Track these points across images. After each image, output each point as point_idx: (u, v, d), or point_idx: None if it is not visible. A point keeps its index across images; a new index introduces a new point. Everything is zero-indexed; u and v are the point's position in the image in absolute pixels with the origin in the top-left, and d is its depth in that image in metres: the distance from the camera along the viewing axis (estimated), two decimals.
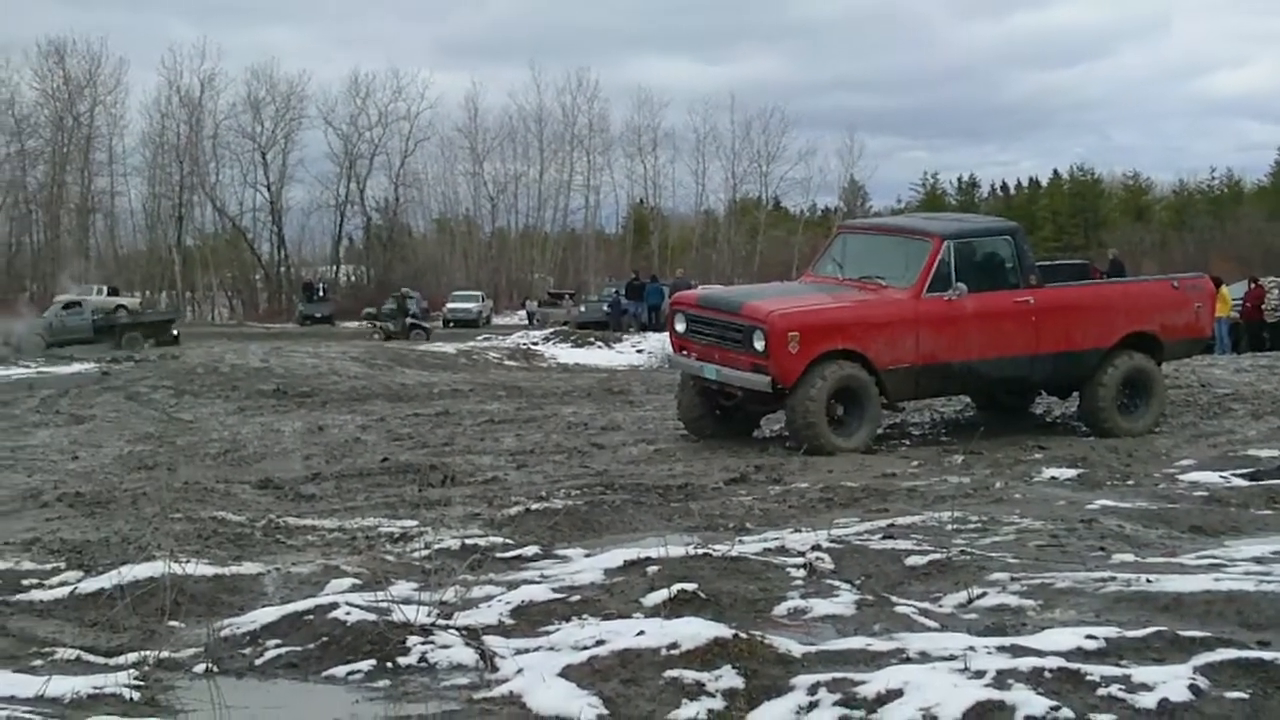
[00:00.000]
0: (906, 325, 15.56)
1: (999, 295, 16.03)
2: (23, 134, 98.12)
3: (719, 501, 11.17)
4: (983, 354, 15.93)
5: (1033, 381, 17.07)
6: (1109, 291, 17.97)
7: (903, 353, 15.51)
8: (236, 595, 7.77)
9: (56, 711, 5.49)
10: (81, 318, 50.93)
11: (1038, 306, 16.10)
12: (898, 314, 15.61)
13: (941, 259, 15.66)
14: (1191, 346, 18.09)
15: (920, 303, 15.59)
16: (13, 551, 9.42)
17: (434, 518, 10.46)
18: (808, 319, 15.34)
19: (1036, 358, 16.20)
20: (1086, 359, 16.42)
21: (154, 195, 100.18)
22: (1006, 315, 15.98)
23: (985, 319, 15.85)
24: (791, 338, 14.95)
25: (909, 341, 15.54)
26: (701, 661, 5.78)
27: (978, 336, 15.83)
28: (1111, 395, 16.46)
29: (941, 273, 15.63)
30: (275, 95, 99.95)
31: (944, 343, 15.71)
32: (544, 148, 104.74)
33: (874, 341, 15.38)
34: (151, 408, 21.88)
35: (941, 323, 15.66)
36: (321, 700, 5.87)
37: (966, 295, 15.62)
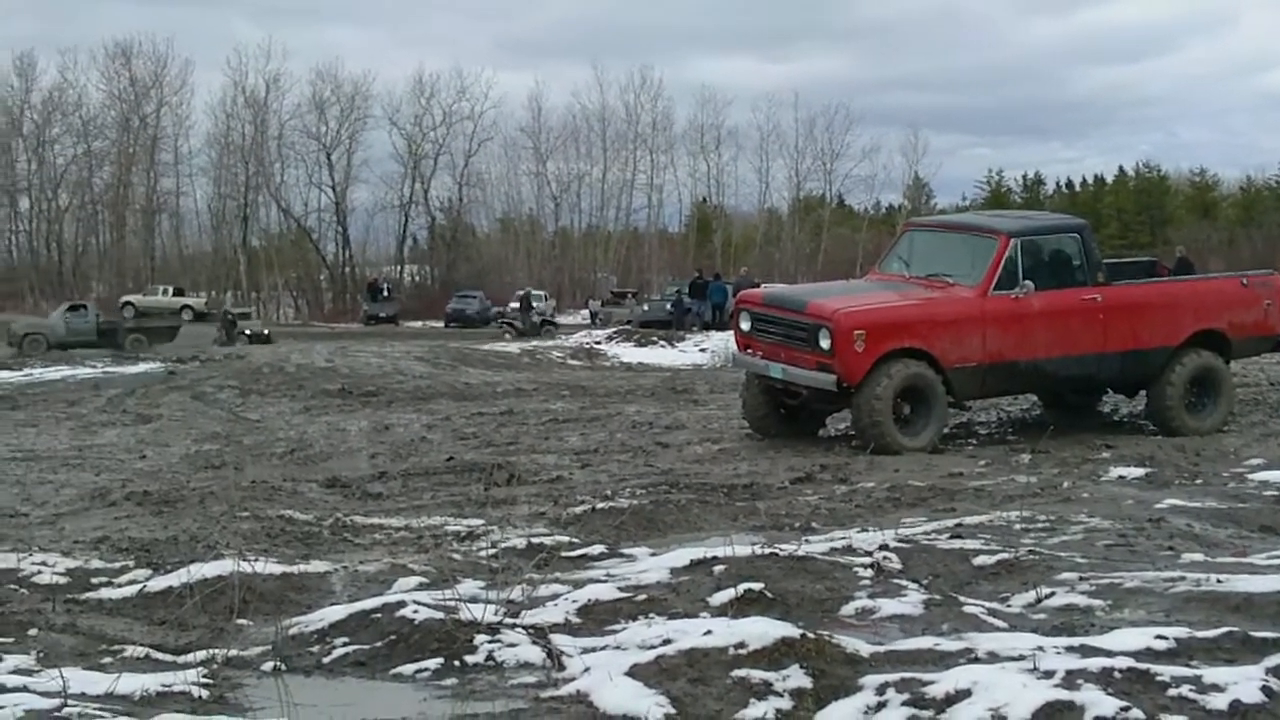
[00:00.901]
0: (973, 323, 15.45)
1: (1066, 293, 15.89)
2: (89, 135, 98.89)
3: (785, 501, 11.15)
4: (1049, 352, 15.80)
5: (1100, 380, 16.94)
6: (1177, 289, 17.80)
7: (969, 351, 15.41)
8: (304, 594, 7.80)
9: (126, 708, 5.51)
10: (86, 320, 51.29)
11: (1105, 304, 15.96)
12: (964, 312, 15.51)
13: (1008, 257, 15.56)
14: (1260, 344, 17.66)
15: (987, 301, 15.49)
16: (82, 550, 9.48)
17: (500, 516, 10.49)
18: (874, 317, 15.28)
19: (1104, 356, 16.05)
20: (1154, 357, 16.25)
21: (219, 196, 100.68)
22: (1073, 313, 15.85)
23: (1052, 317, 15.73)
24: (857, 336, 14.88)
25: (976, 340, 15.42)
26: (769, 661, 5.76)
27: (1044, 335, 15.72)
28: (1179, 394, 16.30)
29: (1008, 270, 15.53)
30: (340, 95, 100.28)
31: (1011, 341, 15.58)
32: (607, 147, 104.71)
33: (940, 340, 15.29)
34: (218, 407, 22.01)
35: (1008, 321, 15.54)
36: (389, 698, 5.87)
37: (1033, 293, 15.51)
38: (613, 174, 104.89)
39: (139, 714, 5.41)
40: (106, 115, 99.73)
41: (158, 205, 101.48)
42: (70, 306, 53.74)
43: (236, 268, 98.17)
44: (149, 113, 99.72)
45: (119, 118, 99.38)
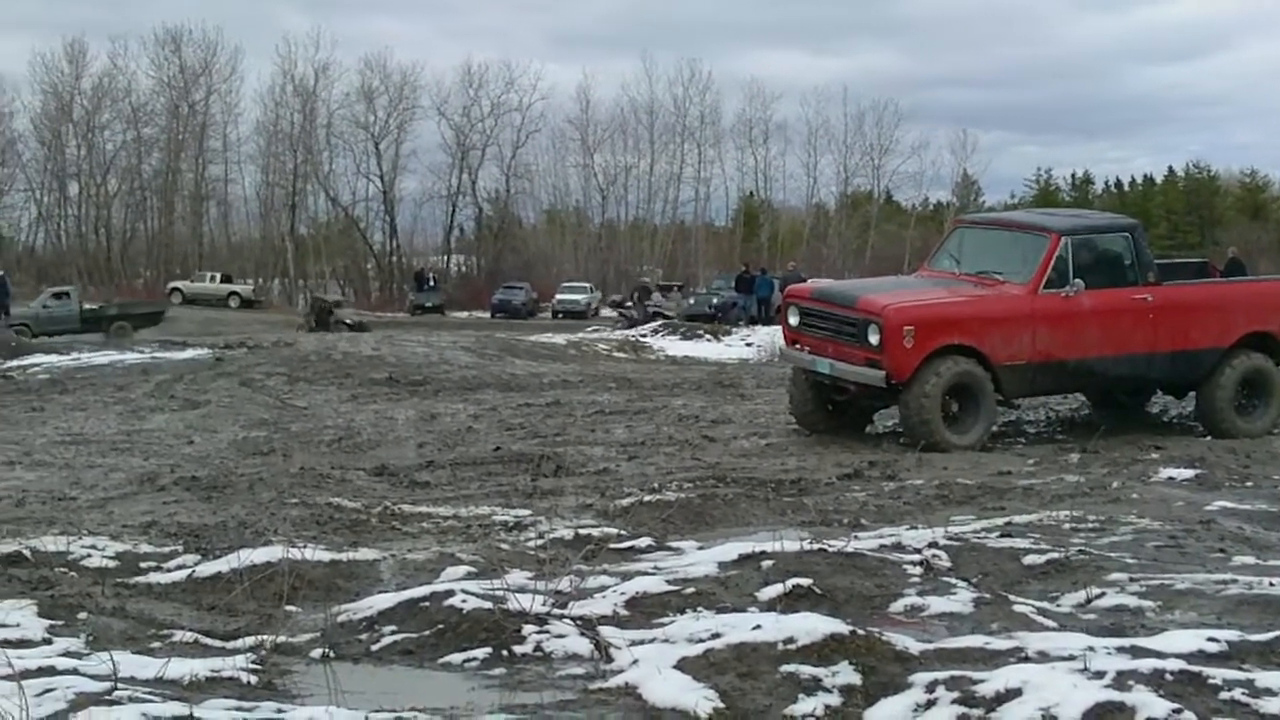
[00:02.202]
0: (1023, 321, 15.38)
1: (1117, 293, 15.81)
2: (139, 121, 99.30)
3: (833, 497, 11.12)
4: (1099, 352, 15.74)
5: (1149, 380, 16.87)
6: (1228, 290, 17.75)
7: (1019, 349, 15.33)
8: (353, 581, 7.82)
9: (175, 693, 5.52)
10: (68, 308, 51.42)
11: (1155, 304, 15.86)
12: (1014, 310, 15.45)
13: (1059, 255, 15.49)
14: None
15: (1037, 299, 15.41)
16: (131, 534, 9.53)
17: (547, 507, 10.49)
18: (924, 313, 15.23)
19: (1154, 356, 15.97)
20: (1204, 358, 16.17)
21: (268, 183, 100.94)
22: (1124, 313, 15.76)
23: (1102, 316, 15.65)
24: (907, 332, 14.84)
25: (1025, 338, 15.35)
26: (818, 657, 5.75)
27: (1094, 334, 15.66)
28: (1229, 395, 16.25)
29: (1059, 269, 15.48)
30: (389, 85, 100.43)
31: (1060, 339, 15.52)
32: (655, 140, 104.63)
33: (990, 337, 15.23)
34: (265, 394, 22.06)
35: (1058, 319, 15.46)
36: (437, 687, 5.87)
37: (1083, 292, 15.44)
38: (660, 167, 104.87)
39: (188, 699, 5.42)
40: (156, 102, 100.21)
41: (206, 192, 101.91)
42: (53, 294, 53.87)
43: (284, 255, 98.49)
44: (198, 100, 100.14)
45: (168, 104, 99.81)
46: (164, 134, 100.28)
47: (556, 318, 69.72)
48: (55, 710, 5.20)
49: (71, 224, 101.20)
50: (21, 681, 5.16)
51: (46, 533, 9.46)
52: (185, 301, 76.67)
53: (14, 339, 37.37)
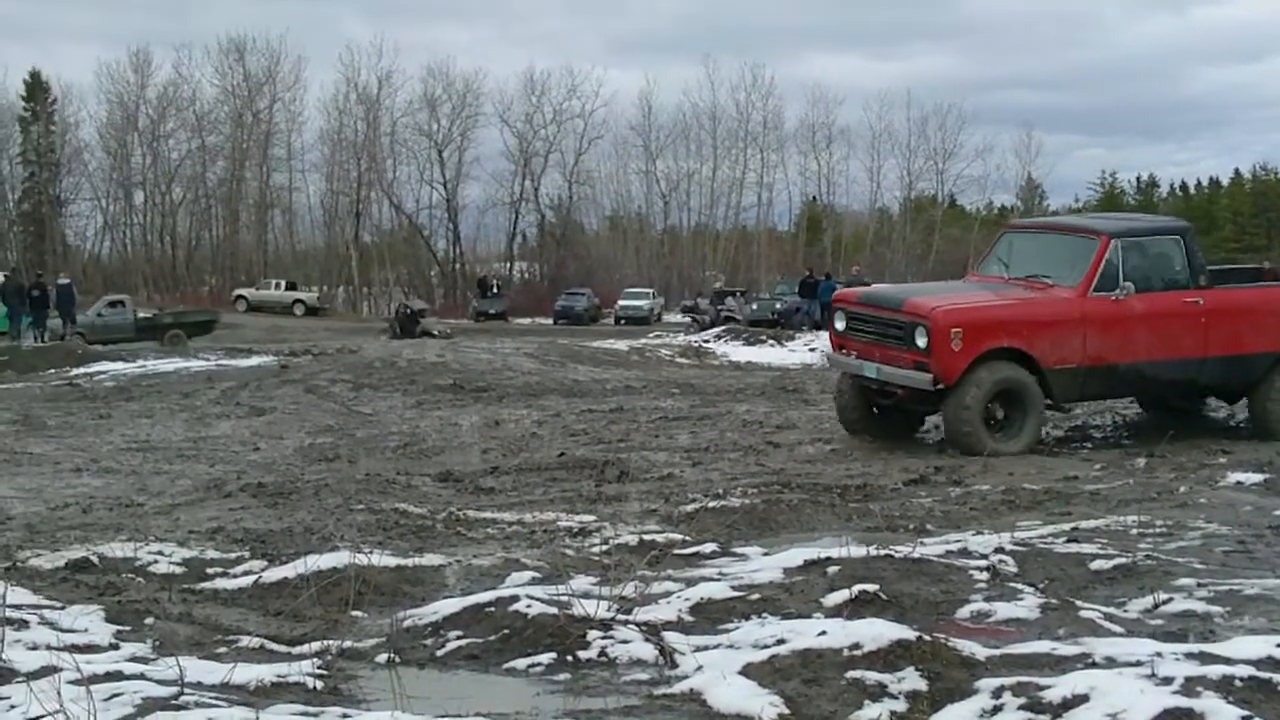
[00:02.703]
0: (1073, 324, 15.23)
1: (1168, 296, 15.62)
2: (203, 130, 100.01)
3: (898, 502, 11.07)
4: (1150, 355, 15.55)
5: (1200, 385, 16.56)
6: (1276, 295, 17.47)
7: (1069, 352, 15.17)
8: (418, 586, 7.85)
9: (241, 698, 5.55)
10: (124, 316, 51.69)
11: (1207, 308, 15.64)
12: (1064, 313, 15.29)
13: (1108, 258, 15.32)
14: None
15: (1087, 301, 15.25)
16: (198, 540, 9.58)
17: (611, 513, 10.49)
18: (971, 315, 15.11)
19: (1205, 360, 15.76)
20: (1257, 363, 15.96)
21: (332, 191, 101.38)
22: (1175, 316, 15.57)
23: (1153, 320, 15.47)
24: (955, 334, 14.70)
25: (1075, 341, 15.20)
26: (884, 663, 5.73)
27: (1145, 337, 15.49)
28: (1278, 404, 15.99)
29: (1109, 272, 15.30)
30: (451, 93, 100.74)
31: (1111, 343, 15.37)
32: (717, 145, 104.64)
33: (1039, 340, 15.08)
34: (331, 400, 22.15)
35: (1108, 323, 15.30)
36: (502, 692, 5.88)
37: (1134, 295, 15.27)
38: (722, 172, 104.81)
39: (254, 704, 5.44)
40: (220, 110, 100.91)
41: (270, 200, 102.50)
42: (109, 302, 54.18)
43: (348, 263, 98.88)
44: (262, 108, 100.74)
45: (232, 113, 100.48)
46: (228, 142, 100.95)
47: (619, 324, 69.74)
48: (123, 715, 5.24)
49: (137, 232, 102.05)
50: (89, 686, 5.19)
51: (114, 539, 9.54)
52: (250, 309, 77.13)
53: (80, 346, 37.67)
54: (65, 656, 5.76)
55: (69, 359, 33.37)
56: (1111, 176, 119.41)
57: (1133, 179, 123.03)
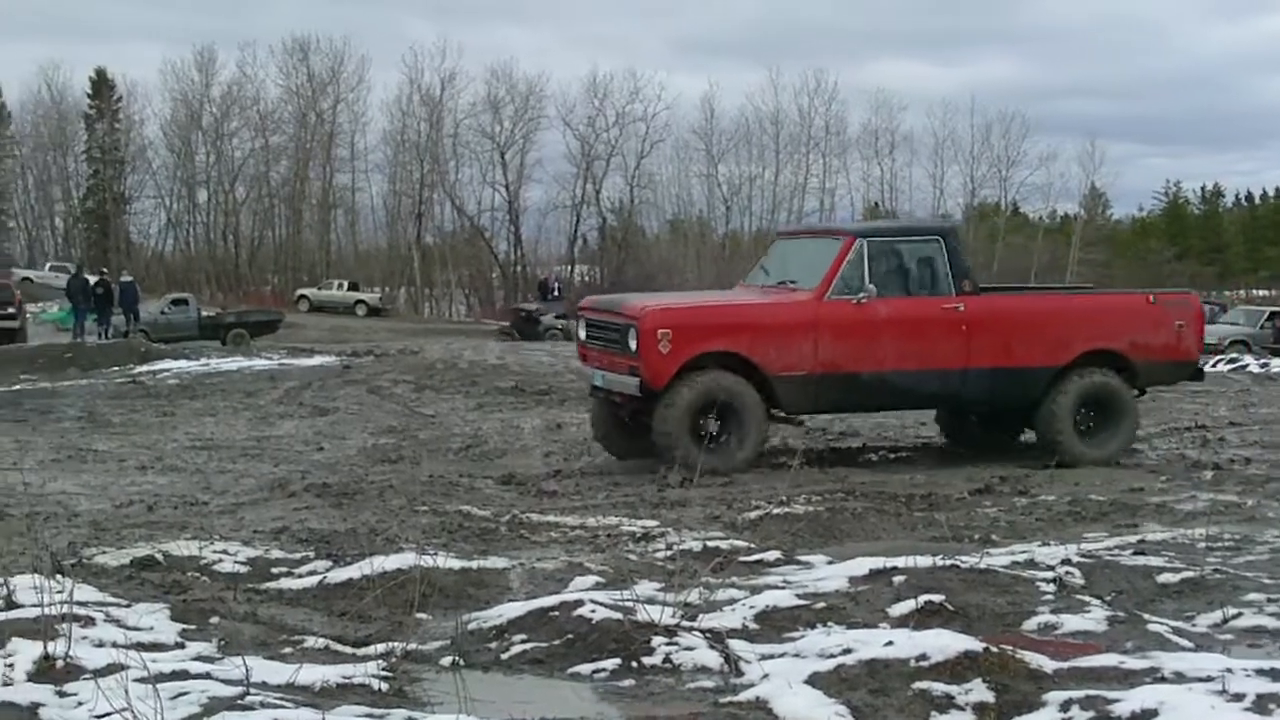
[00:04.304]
0: (804, 329, 14.29)
1: (922, 301, 14.67)
2: (267, 129, 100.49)
3: (964, 512, 11.02)
4: (899, 365, 14.48)
5: (966, 400, 15.24)
6: (1060, 303, 16.46)
7: (798, 359, 14.22)
8: (482, 589, 7.85)
9: (307, 699, 5.56)
10: (187, 315, 51.94)
11: (970, 316, 14.62)
12: (794, 316, 14.43)
13: (850, 260, 14.43)
14: (1174, 371, 15.89)
15: (822, 305, 14.34)
16: (262, 539, 9.61)
17: (674, 518, 10.47)
18: (682, 316, 14.42)
19: (967, 372, 14.64)
20: (1033, 377, 14.84)
21: (394, 192, 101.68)
22: (931, 324, 14.55)
23: (903, 326, 14.49)
24: (663, 336, 13.90)
25: (805, 347, 14.24)
26: (951, 674, 5.69)
27: (892, 345, 14.47)
28: (1065, 417, 14.80)
29: (851, 274, 14.40)
30: (515, 95, 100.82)
31: (848, 350, 14.36)
32: (780, 149, 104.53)
33: (762, 345, 14.18)
34: (393, 401, 22.19)
35: (846, 328, 14.32)
36: (567, 697, 5.87)
37: (879, 299, 14.36)
38: (785, 177, 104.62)
39: (320, 705, 5.45)
40: (284, 110, 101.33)
41: (333, 200, 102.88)
42: (173, 300, 54.49)
43: (410, 264, 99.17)
44: (325, 108, 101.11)
45: (296, 113, 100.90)
46: (292, 142, 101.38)
47: None
48: (189, 714, 5.26)
49: (200, 231, 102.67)
50: (156, 684, 5.21)
51: (179, 537, 9.57)
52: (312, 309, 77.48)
53: (144, 344, 37.88)
54: (132, 654, 5.78)
55: (132, 356, 33.54)
56: (1175, 186, 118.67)
57: (1197, 188, 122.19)
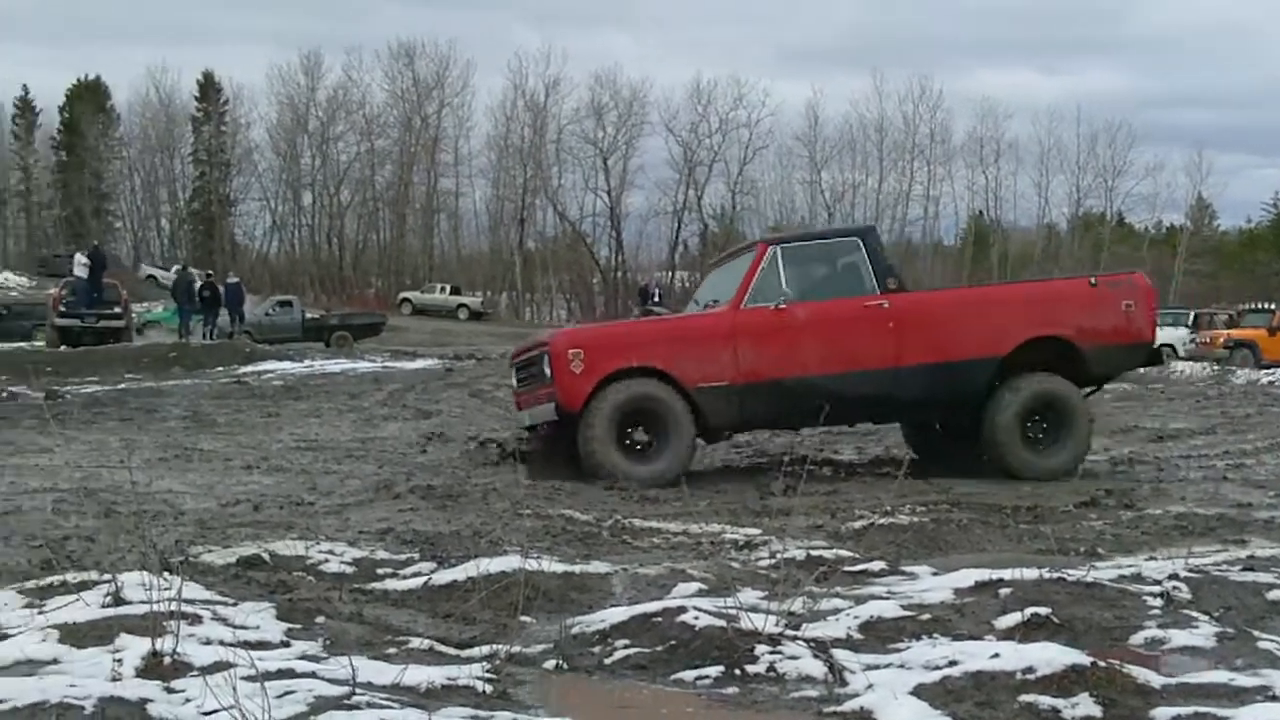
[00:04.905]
0: (721, 339, 14.19)
1: (841, 302, 14.48)
2: (372, 134, 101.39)
3: (1069, 525, 10.89)
4: (825, 368, 14.21)
5: (905, 401, 14.70)
6: (990, 292, 16.63)
7: (717, 369, 14.11)
8: (585, 594, 7.85)
9: (413, 700, 5.59)
10: (291, 316, 52.31)
11: (895, 313, 14.35)
12: (710, 326, 14.40)
13: (764, 267, 14.34)
14: (1127, 355, 15.23)
15: (738, 314, 14.23)
16: (368, 540, 9.68)
17: (777, 527, 10.43)
18: (592, 335, 14.61)
19: (900, 371, 14.32)
20: (971, 371, 14.44)
21: (497, 197, 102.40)
22: (853, 323, 14.34)
23: (825, 328, 14.33)
24: (574, 356, 13.93)
25: (724, 356, 14.14)
26: (1058, 688, 5.65)
27: (816, 348, 14.28)
28: (1010, 423, 14.32)
29: (767, 282, 14.28)
30: (618, 101, 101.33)
31: (771, 356, 14.22)
32: (883, 157, 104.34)
33: (678, 357, 14.08)
34: (495, 405, 22.30)
35: (765, 334, 14.23)
36: (670, 704, 5.86)
37: (798, 303, 14.27)
38: (889, 184, 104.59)
39: (425, 705, 5.48)
40: (389, 114, 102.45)
41: (437, 205, 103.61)
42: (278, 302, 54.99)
43: (512, 268, 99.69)
44: (430, 113, 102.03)
45: (401, 117, 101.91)
46: (396, 146, 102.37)
47: None
48: (295, 713, 5.30)
49: (305, 233, 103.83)
50: (263, 683, 5.25)
51: (285, 537, 9.65)
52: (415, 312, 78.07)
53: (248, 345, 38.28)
54: (239, 652, 5.83)
55: (236, 357, 33.99)
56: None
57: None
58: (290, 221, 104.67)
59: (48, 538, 9.45)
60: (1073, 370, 14.67)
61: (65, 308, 42.80)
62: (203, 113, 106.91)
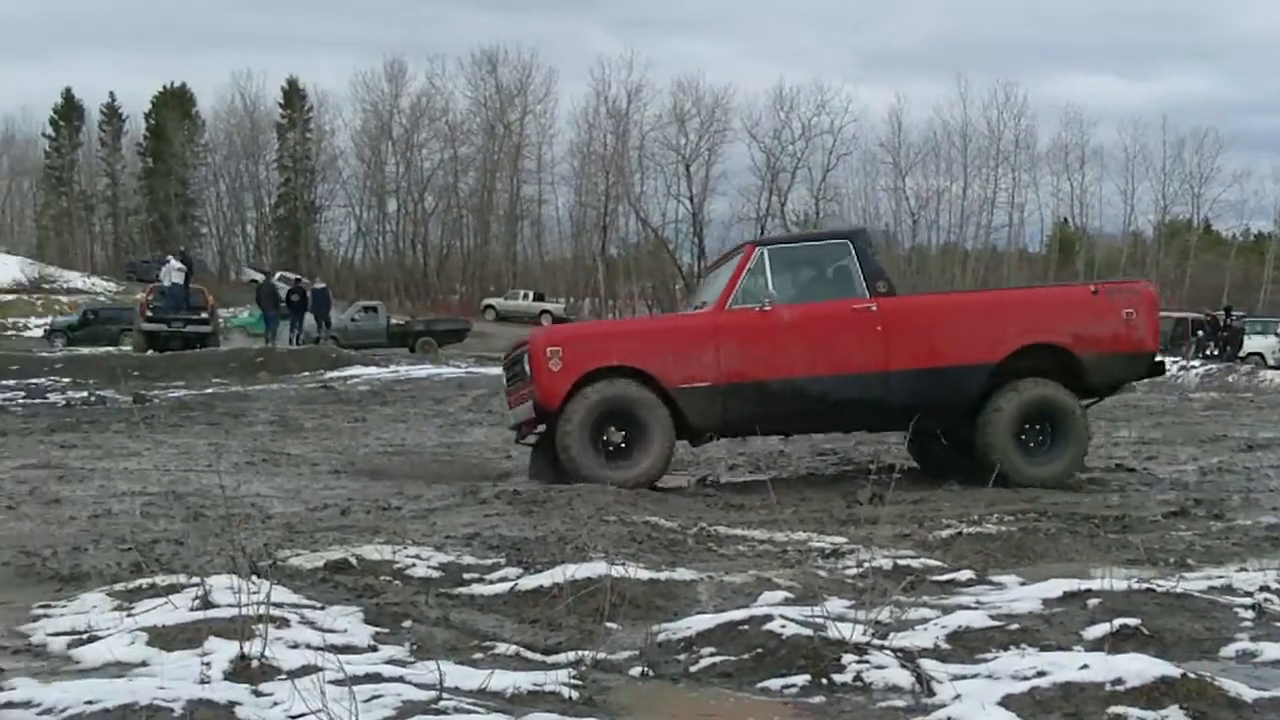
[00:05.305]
0: (704, 339, 14.01)
1: (829, 304, 14.24)
2: (455, 141, 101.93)
3: (1158, 535, 10.78)
4: (811, 371, 13.97)
5: (895, 406, 14.02)
6: (983, 298, 16.21)
7: (699, 369, 13.90)
8: (671, 601, 7.84)
9: (499, 705, 5.60)
10: (376, 322, 52.51)
11: (884, 316, 14.04)
12: (692, 326, 14.33)
13: (751, 268, 14.15)
14: (1127, 365, 14.70)
15: (723, 314, 14.07)
16: (454, 545, 9.70)
17: (864, 535, 10.39)
18: (571, 333, 14.58)
19: (889, 375, 14.02)
20: (964, 377, 14.12)
21: (580, 204, 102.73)
22: (840, 325, 14.08)
23: (811, 330, 14.07)
24: (552, 353, 13.80)
25: (707, 356, 13.92)
26: (1148, 700, 5.59)
27: (803, 350, 14.01)
28: (1005, 430, 13.97)
29: (754, 283, 14.10)
30: (700, 108, 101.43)
31: (755, 358, 13.99)
32: (968, 163, 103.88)
33: (658, 356, 13.91)
34: None
35: (749, 335, 14.01)
36: (756, 712, 5.85)
37: (784, 305, 14.02)
38: (973, 191, 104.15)
39: (511, 711, 5.50)
40: (472, 121, 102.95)
41: (520, 212, 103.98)
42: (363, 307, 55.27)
43: (595, 275, 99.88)
44: (513, 120, 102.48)
45: (484, 124, 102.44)
46: (480, 153, 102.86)
47: None
48: (383, 717, 5.33)
49: (389, 240, 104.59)
50: (351, 687, 5.28)
51: (372, 541, 9.68)
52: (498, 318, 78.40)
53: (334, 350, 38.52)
54: (327, 656, 5.85)
55: (322, 362, 34.23)
56: None
57: None
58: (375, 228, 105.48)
59: (137, 541, 9.51)
60: (1070, 379, 14.35)
61: (153, 312, 43.24)
62: (287, 119, 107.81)
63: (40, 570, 8.81)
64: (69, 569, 8.78)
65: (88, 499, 12.37)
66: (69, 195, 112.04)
